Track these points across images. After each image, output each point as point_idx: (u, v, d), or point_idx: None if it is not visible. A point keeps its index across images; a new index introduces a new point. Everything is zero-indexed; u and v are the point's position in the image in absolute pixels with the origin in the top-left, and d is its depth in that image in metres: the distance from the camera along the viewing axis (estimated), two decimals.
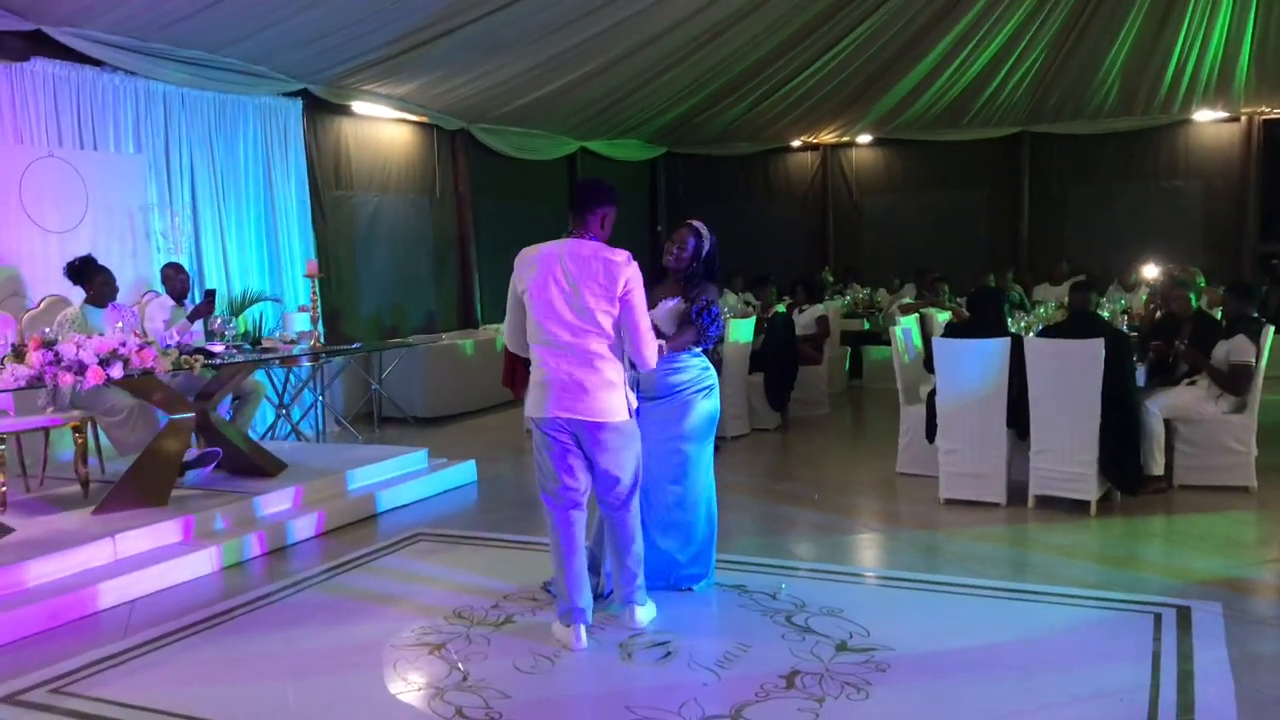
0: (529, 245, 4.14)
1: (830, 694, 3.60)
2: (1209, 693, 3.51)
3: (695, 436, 4.55)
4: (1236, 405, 6.29)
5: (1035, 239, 14.43)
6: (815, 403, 9.67)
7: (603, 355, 3.98)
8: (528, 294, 4.03)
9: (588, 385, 3.97)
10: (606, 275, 3.94)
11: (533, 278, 4.01)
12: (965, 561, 5.17)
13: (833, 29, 11.20)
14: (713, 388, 4.60)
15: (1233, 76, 12.43)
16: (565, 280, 3.96)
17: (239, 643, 4.34)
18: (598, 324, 3.95)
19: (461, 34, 8.91)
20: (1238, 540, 5.41)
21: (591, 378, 3.97)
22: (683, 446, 4.52)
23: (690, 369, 4.52)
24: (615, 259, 3.98)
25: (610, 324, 3.97)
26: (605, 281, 3.93)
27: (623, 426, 4.06)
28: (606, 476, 4.13)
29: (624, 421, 4.06)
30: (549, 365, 4.01)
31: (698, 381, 4.53)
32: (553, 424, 4.05)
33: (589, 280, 3.93)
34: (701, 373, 4.55)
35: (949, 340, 6.33)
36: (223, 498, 5.94)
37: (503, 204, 12.81)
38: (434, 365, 10.05)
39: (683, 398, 4.50)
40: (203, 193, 8.63)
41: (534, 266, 4.03)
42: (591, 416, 3.99)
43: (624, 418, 4.06)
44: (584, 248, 4.01)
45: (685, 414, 4.50)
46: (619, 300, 3.95)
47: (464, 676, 3.87)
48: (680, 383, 4.49)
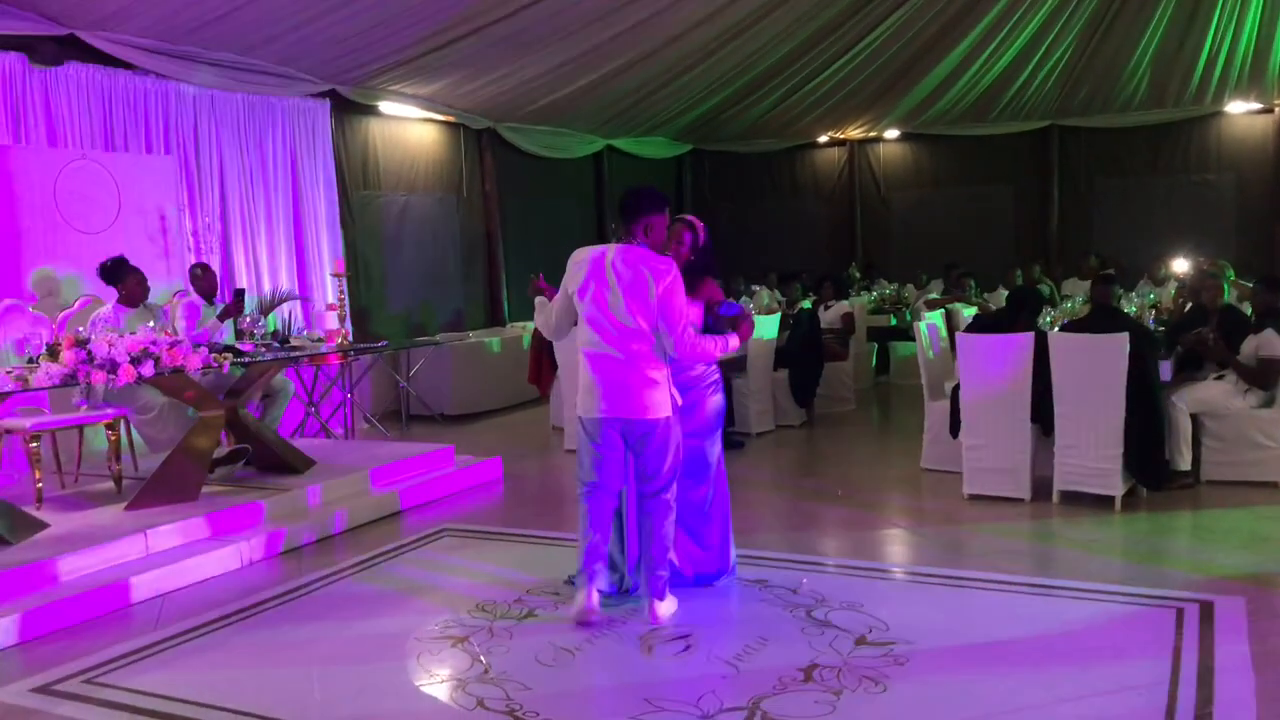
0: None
1: (848, 687, 3.62)
2: (1229, 687, 3.50)
3: (707, 432, 4.62)
4: (1265, 400, 6.24)
5: (1064, 233, 14.32)
6: (841, 399, 9.67)
7: (646, 356, 4.17)
8: (576, 296, 4.24)
9: (633, 385, 4.17)
10: (653, 279, 4.11)
11: (581, 281, 4.22)
12: (988, 556, 5.16)
13: (859, 23, 11.16)
14: (718, 383, 4.66)
15: (1266, 67, 12.24)
16: (612, 285, 4.15)
17: (267, 635, 4.42)
18: (641, 328, 4.13)
19: (487, 33, 8.98)
20: (1264, 535, 5.36)
21: (635, 377, 4.17)
22: (699, 443, 4.58)
23: (695, 366, 4.57)
24: (660, 266, 4.15)
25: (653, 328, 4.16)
26: (650, 285, 4.11)
27: (667, 423, 4.24)
28: (646, 470, 4.31)
29: (668, 418, 4.24)
30: (596, 367, 4.22)
31: (704, 377, 4.60)
32: (602, 424, 4.24)
33: (634, 286, 4.12)
34: (706, 369, 4.61)
35: (973, 336, 6.31)
36: (252, 494, 6.03)
37: (529, 202, 12.88)
38: (461, 363, 10.13)
39: (694, 394, 4.55)
40: (232, 193, 8.76)
41: (584, 269, 4.23)
42: (638, 415, 4.19)
43: (668, 414, 4.23)
44: (630, 254, 4.18)
45: (698, 410, 4.57)
46: (657, 300, 4.11)
47: (486, 669, 3.92)
48: (690, 380, 4.54)
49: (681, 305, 4.18)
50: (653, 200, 4.28)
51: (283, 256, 9.23)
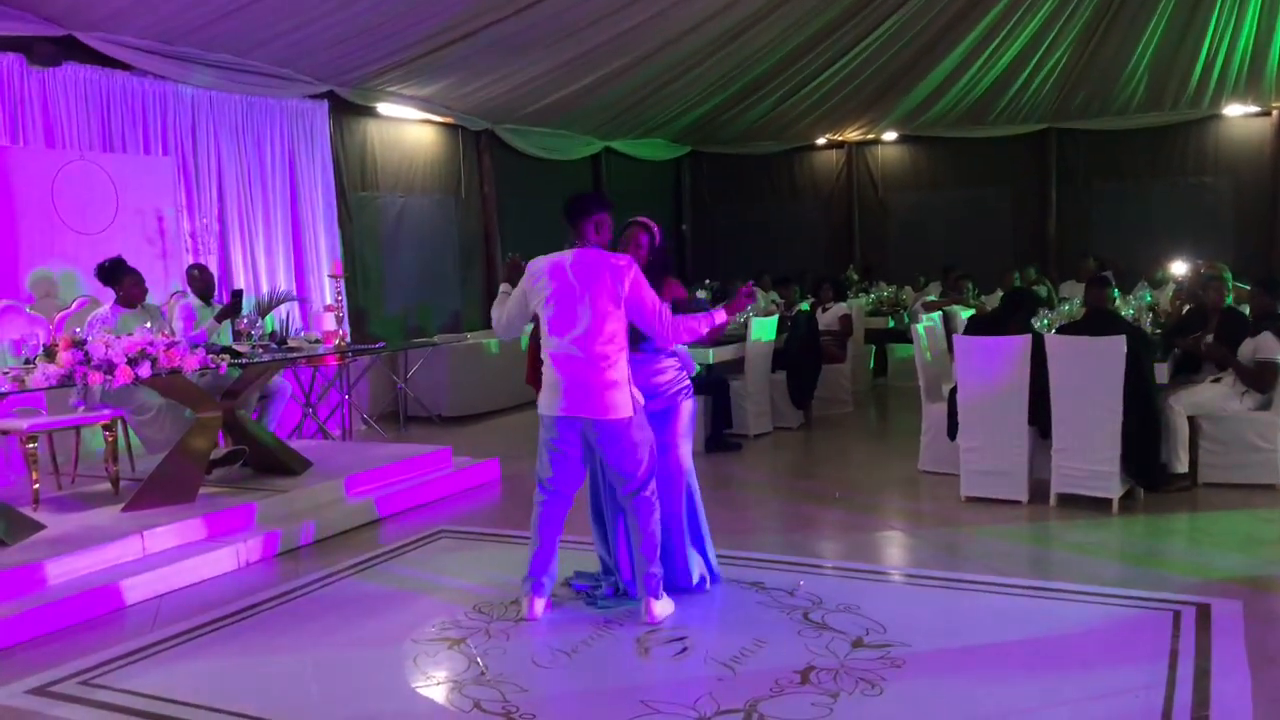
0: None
1: (845, 690, 3.62)
2: (1225, 690, 3.50)
3: (683, 437, 4.62)
4: (1262, 402, 6.24)
5: (1062, 236, 14.34)
6: (838, 401, 9.67)
7: (607, 357, 4.21)
8: (541, 303, 4.30)
9: (594, 385, 4.21)
10: (613, 279, 4.21)
11: (543, 287, 4.30)
12: (985, 559, 5.16)
13: (857, 26, 11.18)
14: (689, 388, 4.68)
15: (1263, 70, 12.26)
16: (575, 288, 4.21)
17: (264, 637, 4.42)
18: (604, 328, 4.20)
19: (486, 35, 8.98)
20: (1261, 538, 5.37)
21: (597, 378, 4.20)
22: (675, 449, 4.57)
23: (669, 369, 4.59)
24: (619, 263, 4.25)
25: (617, 328, 4.22)
26: (612, 286, 4.20)
27: (630, 422, 4.25)
28: (620, 473, 4.33)
29: (630, 418, 4.25)
30: (559, 367, 4.28)
31: (677, 382, 4.61)
32: (562, 423, 4.30)
33: (597, 286, 4.20)
34: (678, 374, 4.63)
35: (970, 338, 6.31)
36: (249, 495, 6.03)
37: (528, 203, 12.86)
38: (459, 364, 10.13)
39: (666, 400, 4.55)
40: (230, 194, 8.76)
41: (543, 276, 4.32)
42: (598, 415, 4.22)
43: (629, 414, 4.25)
44: (588, 255, 4.26)
45: (672, 417, 4.57)
46: (624, 300, 4.20)
47: (483, 670, 3.92)
48: (664, 384, 4.55)
49: (652, 296, 4.28)
50: (598, 200, 4.43)
51: (280, 257, 9.23)
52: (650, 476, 4.36)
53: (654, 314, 4.27)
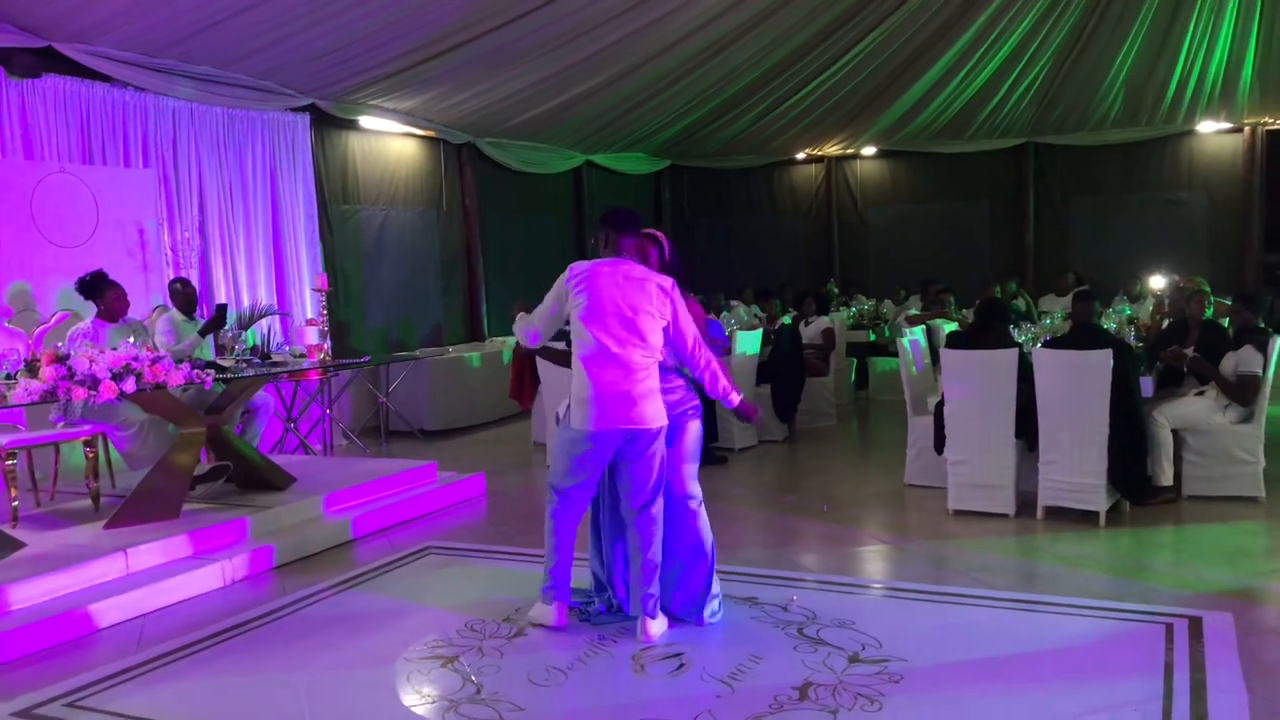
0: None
1: (844, 706, 3.61)
2: (1222, 703, 3.51)
3: (689, 458, 4.51)
4: (1244, 415, 6.30)
5: (1040, 250, 14.46)
6: (822, 414, 9.69)
7: (646, 367, 4.25)
8: (580, 306, 4.25)
9: (635, 395, 4.22)
10: (659, 298, 4.27)
11: (583, 290, 4.26)
12: (975, 572, 5.17)
13: (838, 43, 11.25)
14: (699, 407, 4.59)
15: (1236, 87, 12.45)
16: (620, 298, 4.22)
17: (251, 656, 4.36)
18: (645, 339, 4.23)
19: (468, 49, 8.98)
20: (1247, 550, 5.41)
21: (637, 387, 4.22)
22: (679, 471, 4.47)
23: (677, 389, 4.51)
24: (665, 284, 4.32)
25: (657, 340, 4.28)
26: (658, 304, 4.27)
27: (660, 432, 4.31)
28: (635, 482, 4.30)
29: (662, 428, 4.31)
30: (596, 377, 4.23)
31: (685, 401, 4.53)
32: (598, 437, 4.24)
33: (643, 300, 4.24)
34: (687, 393, 4.55)
35: (957, 351, 6.33)
36: (233, 512, 5.95)
37: (509, 217, 12.87)
38: (441, 378, 10.08)
39: (673, 419, 4.43)
40: (211, 207, 8.70)
41: (585, 279, 4.28)
42: (639, 424, 4.22)
43: (663, 423, 4.31)
44: (635, 270, 4.30)
45: (678, 437, 4.47)
46: (671, 322, 4.31)
47: (477, 689, 3.88)
48: (672, 403, 4.44)
49: (692, 325, 4.42)
50: (636, 220, 4.47)
51: (262, 271, 9.16)
52: (659, 492, 4.33)
53: (695, 342, 4.38)
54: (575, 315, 4.27)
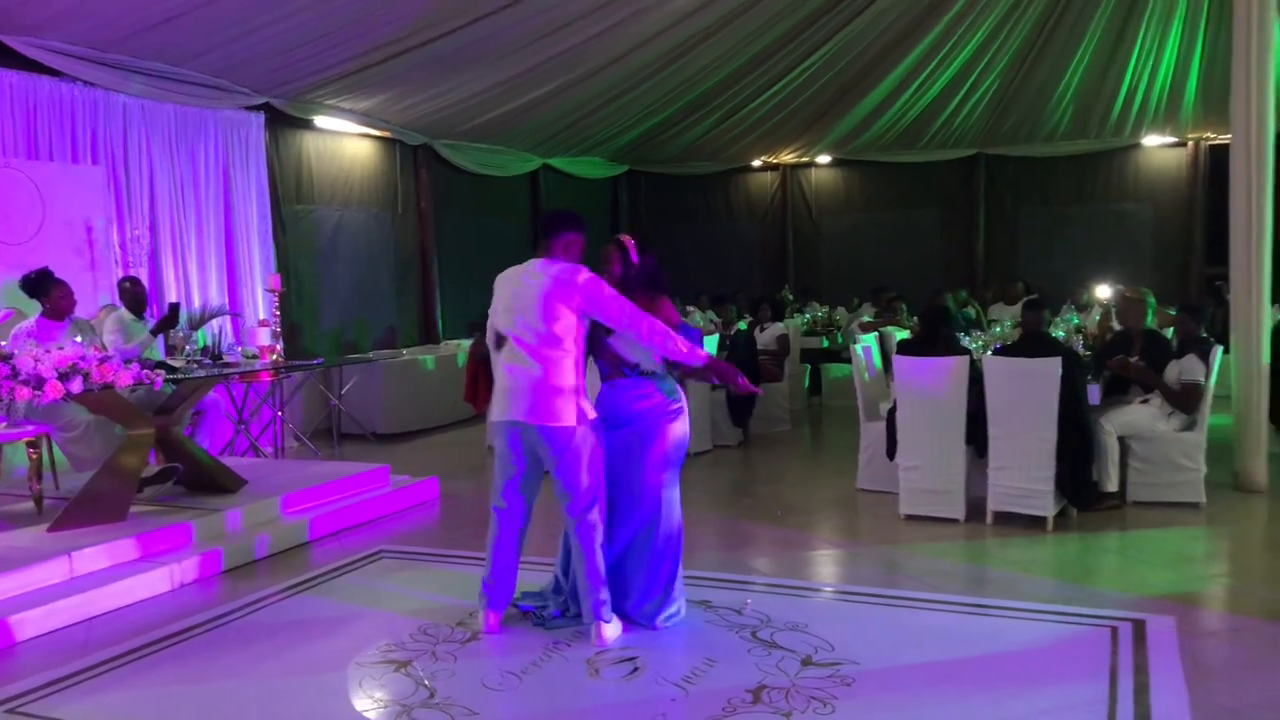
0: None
1: (797, 709, 3.63)
2: (1165, 704, 3.59)
3: (664, 465, 4.42)
4: (1187, 423, 6.44)
5: (991, 259, 14.70)
6: (776, 419, 9.76)
7: (555, 362, 4.20)
8: (497, 309, 4.34)
9: (538, 390, 4.19)
10: (565, 286, 4.19)
11: (500, 294, 4.35)
12: (926, 576, 5.23)
13: (794, 52, 11.35)
14: (681, 411, 4.46)
15: (1181, 102, 12.76)
16: (526, 292, 4.23)
17: (200, 661, 4.29)
18: (554, 335, 4.18)
19: (426, 50, 8.93)
20: (1189, 555, 5.53)
21: (541, 384, 4.19)
22: (649, 476, 4.39)
23: (657, 395, 4.41)
24: (576, 275, 4.23)
25: (568, 336, 4.19)
26: (563, 291, 4.18)
27: (572, 432, 4.20)
28: (564, 486, 4.29)
29: (572, 428, 4.20)
30: (508, 372, 4.28)
31: (663, 407, 4.41)
32: (508, 430, 4.29)
33: (548, 292, 4.19)
34: (668, 398, 4.43)
35: (909, 358, 6.41)
36: (182, 514, 5.86)
37: (465, 219, 12.82)
38: (394, 381, 10.00)
39: (648, 423, 4.38)
40: (162, 206, 8.57)
41: (503, 284, 4.37)
42: (544, 421, 4.19)
43: (571, 423, 4.20)
44: (550, 268, 4.26)
45: (652, 441, 4.38)
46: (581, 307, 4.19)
47: (431, 694, 3.86)
48: (645, 410, 4.39)
49: (619, 301, 4.21)
50: (571, 220, 4.44)
51: (213, 270, 9.04)
52: (594, 498, 4.28)
53: (622, 315, 4.18)
54: (491, 317, 4.38)
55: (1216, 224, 13.54)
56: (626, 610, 4.48)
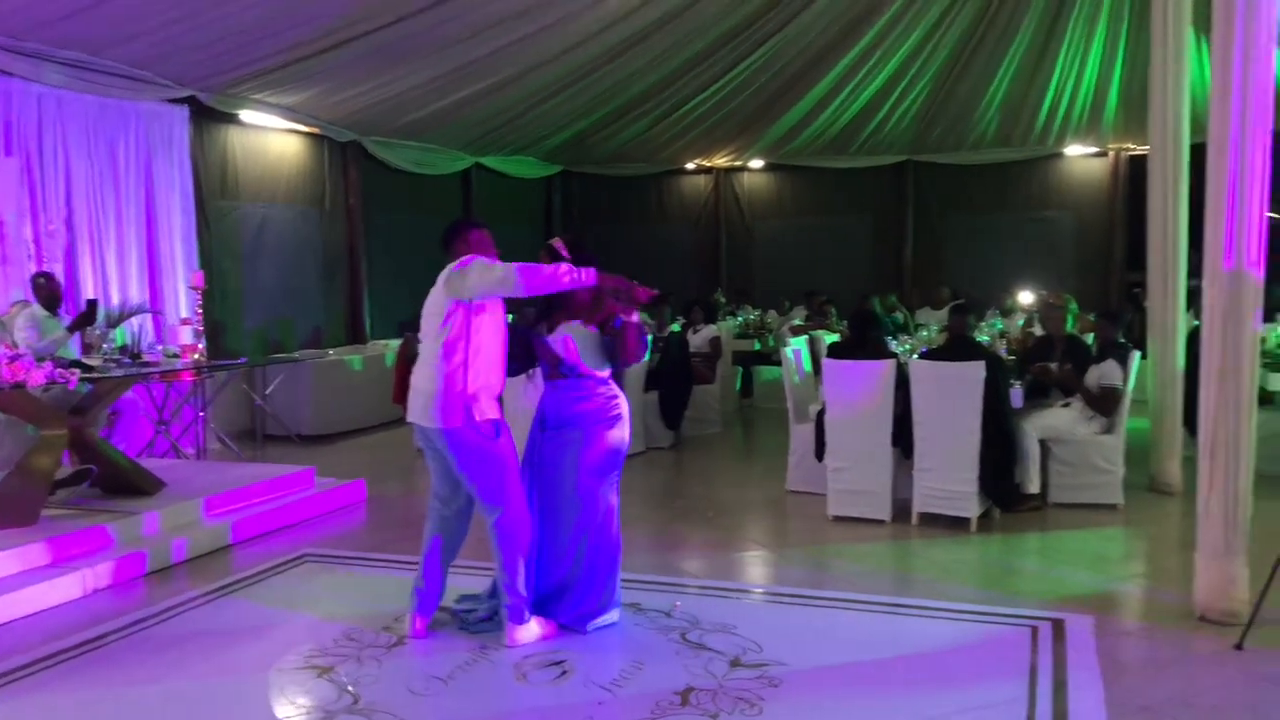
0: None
1: (724, 710, 3.64)
2: (1081, 702, 3.67)
3: (597, 470, 4.37)
4: (1106, 426, 6.60)
5: (918, 264, 14.95)
6: (708, 421, 9.79)
7: (439, 361, 4.16)
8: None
9: (425, 392, 4.20)
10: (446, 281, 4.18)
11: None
12: (853, 578, 5.29)
13: (728, 55, 11.41)
14: (620, 417, 4.42)
15: (1102, 114, 13.10)
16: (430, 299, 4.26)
17: (116, 669, 4.17)
18: (438, 333, 4.15)
19: (357, 45, 8.79)
20: (1106, 555, 5.67)
21: (427, 385, 4.19)
22: (585, 480, 4.35)
23: (596, 397, 4.38)
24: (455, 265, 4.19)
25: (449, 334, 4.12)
26: (444, 286, 4.17)
27: (454, 433, 4.16)
28: (465, 482, 4.30)
29: (454, 429, 4.14)
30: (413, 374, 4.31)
31: (601, 411, 4.38)
32: (415, 431, 4.35)
33: (437, 292, 4.21)
34: (607, 401, 4.40)
35: (838, 361, 6.48)
36: (97, 518, 5.69)
37: (395, 217, 12.65)
38: (321, 381, 9.84)
39: (586, 426, 4.35)
40: (80, 200, 8.30)
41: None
42: (422, 421, 4.23)
43: (453, 424, 4.14)
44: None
45: (587, 445, 4.34)
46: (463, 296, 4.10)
47: (355, 700, 3.79)
48: (584, 412, 4.36)
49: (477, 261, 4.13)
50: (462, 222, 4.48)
51: (134, 267, 8.78)
52: (502, 498, 4.22)
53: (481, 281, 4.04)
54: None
55: (1136, 232, 13.93)
56: (559, 615, 4.44)
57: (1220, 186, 4.27)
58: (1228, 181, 4.24)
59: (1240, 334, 4.32)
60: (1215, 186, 4.31)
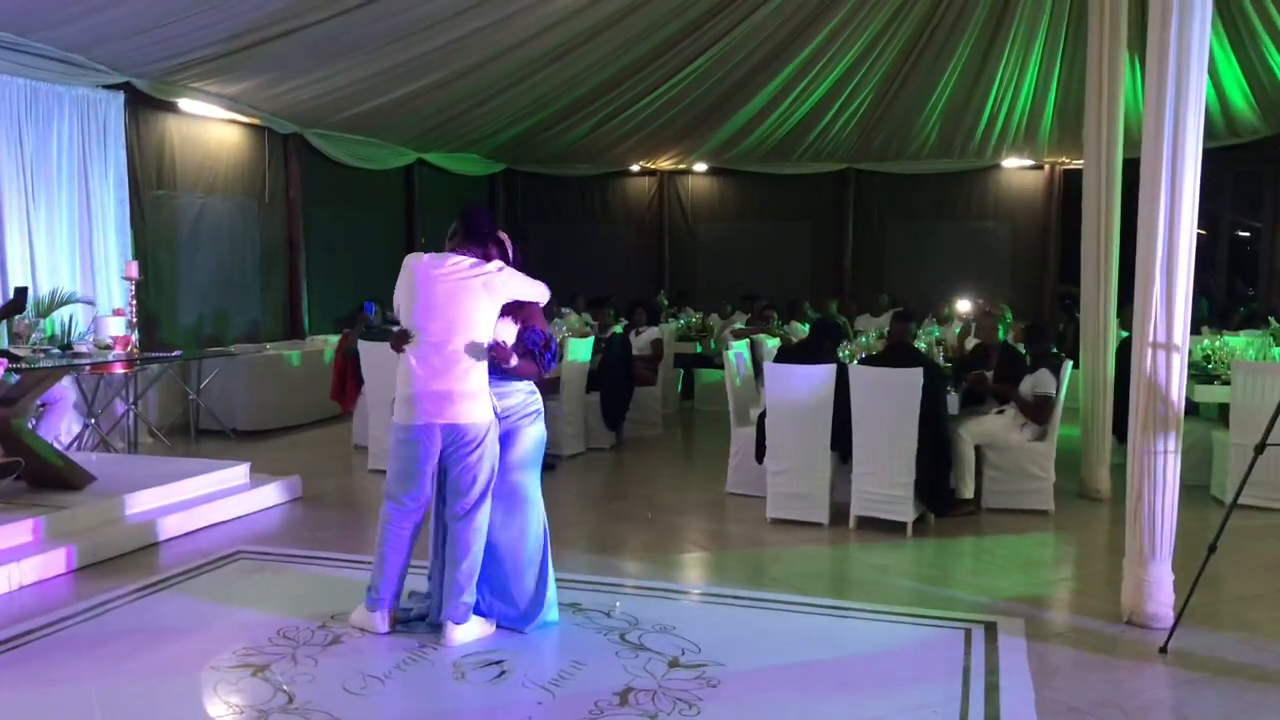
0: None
1: (663, 710, 3.66)
2: (1012, 703, 3.74)
3: (524, 465, 4.44)
4: (1039, 434, 6.75)
5: (857, 271, 15.15)
6: (649, 423, 9.81)
7: (477, 361, 4.22)
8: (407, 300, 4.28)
9: (455, 391, 4.18)
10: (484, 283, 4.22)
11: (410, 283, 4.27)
12: (790, 580, 5.34)
13: (674, 59, 11.45)
14: (538, 413, 4.51)
15: (1039, 128, 13.41)
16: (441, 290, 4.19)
17: (42, 667, 4.06)
18: (468, 331, 4.18)
19: (300, 36, 8.66)
20: (1038, 560, 5.79)
21: (458, 385, 4.18)
22: (512, 476, 4.40)
23: (516, 393, 4.43)
24: (488, 269, 4.27)
25: (480, 331, 4.21)
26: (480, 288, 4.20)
27: (488, 430, 4.25)
28: (461, 485, 4.25)
29: (488, 426, 4.25)
30: (418, 370, 4.21)
31: (523, 407, 4.44)
32: (419, 430, 4.23)
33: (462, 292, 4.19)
34: (528, 397, 4.47)
35: (780, 365, 6.54)
36: (24, 511, 5.54)
37: (336, 212, 12.51)
38: (257, 376, 9.68)
39: (509, 424, 4.39)
40: (9, 186, 8.06)
41: (411, 272, 4.29)
42: (455, 419, 4.19)
43: (487, 420, 4.25)
44: (464, 261, 4.25)
45: (512, 441, 4.40)
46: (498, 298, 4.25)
47: (289, 698, 3.74)
48: (507, 409, 4.39)
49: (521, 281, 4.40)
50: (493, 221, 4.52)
51: (64, 255, 8.54)
52: (485, 498, 4.27)
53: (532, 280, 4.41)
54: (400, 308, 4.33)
55: (1069, 243, 14.27)
56: (498, 616, 4.43)
57: (1153, 201, 4.39)
58: (1162, 196, 4.35)
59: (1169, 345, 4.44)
60: (1147, 201, 4.43)
